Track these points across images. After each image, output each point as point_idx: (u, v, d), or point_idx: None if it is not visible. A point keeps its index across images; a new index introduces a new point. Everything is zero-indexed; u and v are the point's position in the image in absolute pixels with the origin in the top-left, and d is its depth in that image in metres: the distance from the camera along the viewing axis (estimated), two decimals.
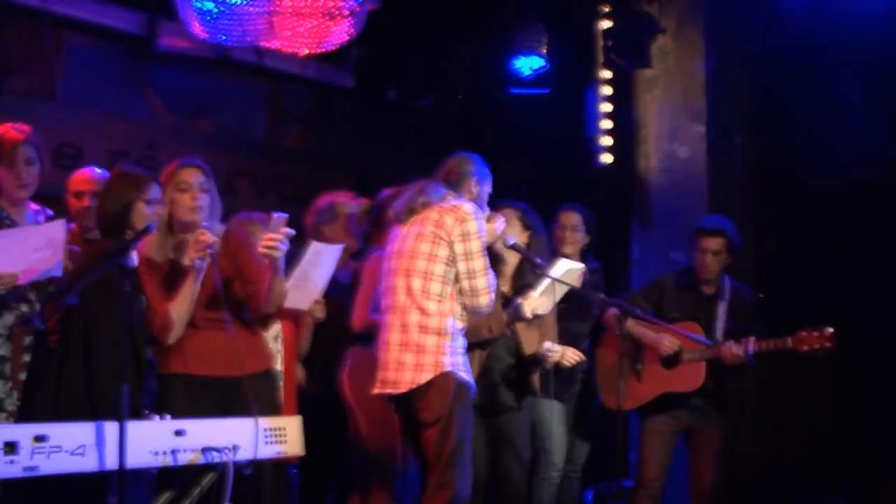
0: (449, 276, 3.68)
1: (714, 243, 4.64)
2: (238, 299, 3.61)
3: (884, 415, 5.65)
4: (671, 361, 4.62)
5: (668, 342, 4.58)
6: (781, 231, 6.34)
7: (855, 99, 6.01)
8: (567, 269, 4.13)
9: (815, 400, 6.19)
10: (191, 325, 3.55)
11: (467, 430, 3.65)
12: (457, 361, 3.65)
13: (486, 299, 3.70)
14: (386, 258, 3.84)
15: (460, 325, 3.72)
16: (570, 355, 4.29)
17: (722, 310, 4.68)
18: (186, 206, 3.53)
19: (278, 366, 4.12)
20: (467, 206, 3.75)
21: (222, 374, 3.53)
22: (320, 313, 4.25)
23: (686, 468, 4.78)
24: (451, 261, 3.68)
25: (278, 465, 3.81)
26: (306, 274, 3.89)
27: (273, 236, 3.40)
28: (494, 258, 4.11)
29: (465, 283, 3.68)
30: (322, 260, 3.94)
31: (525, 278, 4.33)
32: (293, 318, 4.26)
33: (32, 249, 3.38)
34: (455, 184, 3.92)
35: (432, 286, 3.66)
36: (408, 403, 3.65)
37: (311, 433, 3.96)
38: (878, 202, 5.80)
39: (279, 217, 3.42)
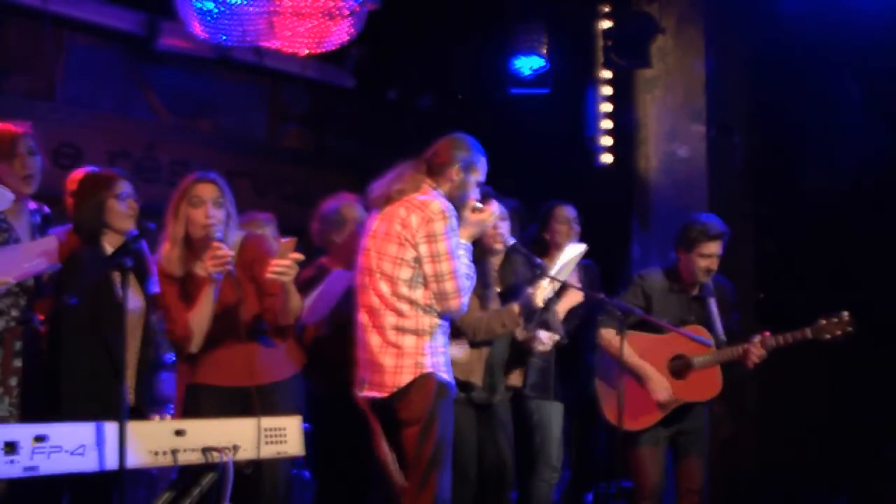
0: (417, 279, 3.56)
1: (718, 247, 4.39)
2: (255, 310, 3.60)
3: (884, 415, 5.65)
4: (680, 371, 4.40)
5: (665, 395, 4.34)
6: (781, 230, 6.34)
7: (855, 99, 6.02)
8: (577, 252, 4.01)
9: (815, 400, 6.19)
10: (210, 337, 3.55)
11: (449, 432, 3.58)
12: (437, 362, 3.57)
13: (455, 303, 3.56)
14: (360, 252, 3.74)
15: (439, 321, 3.62)
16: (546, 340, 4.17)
17: (713, 307, 4.49)
18: (199, 221, 3.51)
19: None
20: (435, 205, 3.56)
21: (241, 384, 3.53)
22: None
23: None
24: (419, 263, 3.56)
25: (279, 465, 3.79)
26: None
27: (282, 262, 3.33)
28: (483, 251, 4.06)
29: (434, 287, 3.55)
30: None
31: (515, 275, 4.28)
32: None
33: (25, 261, 3.34)
34: (437, 169, 3.71)
35: (401, 290, 3.55)
36: (390, 405, 3.58)
37: (321, 433, 3.95)
38: (878, 201, 5.81)
39: (287, 241, 3.35)
